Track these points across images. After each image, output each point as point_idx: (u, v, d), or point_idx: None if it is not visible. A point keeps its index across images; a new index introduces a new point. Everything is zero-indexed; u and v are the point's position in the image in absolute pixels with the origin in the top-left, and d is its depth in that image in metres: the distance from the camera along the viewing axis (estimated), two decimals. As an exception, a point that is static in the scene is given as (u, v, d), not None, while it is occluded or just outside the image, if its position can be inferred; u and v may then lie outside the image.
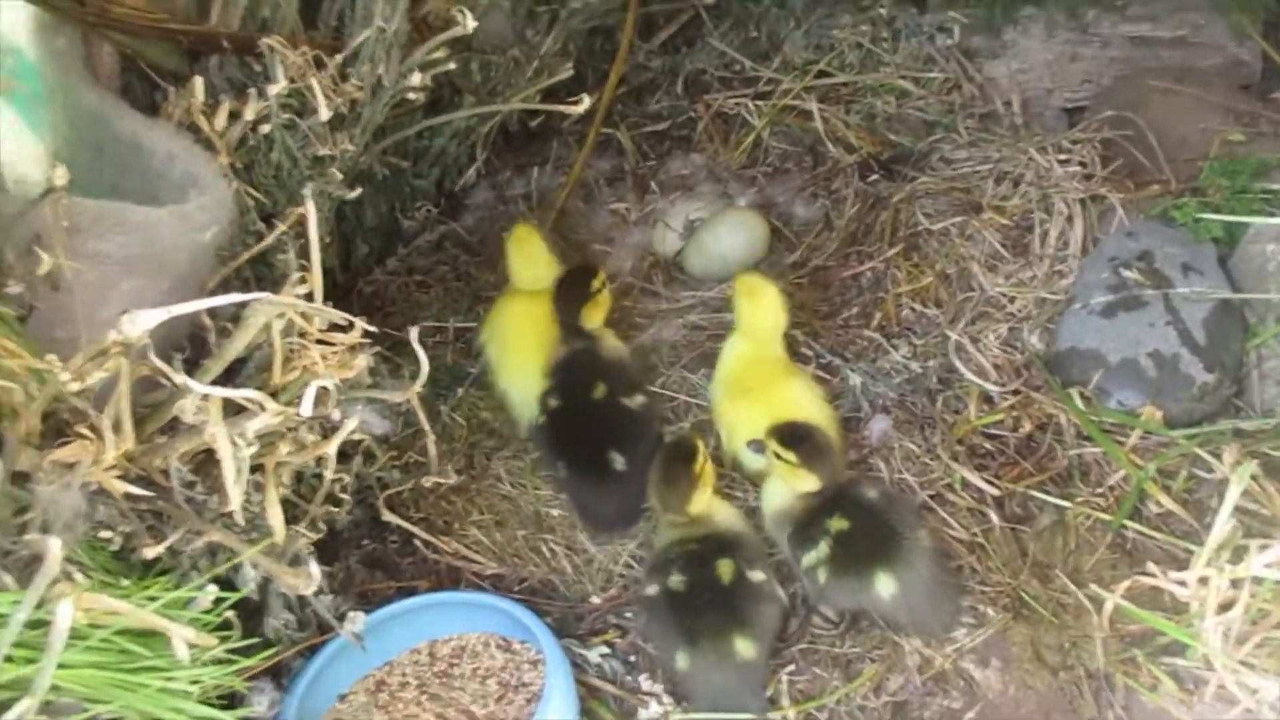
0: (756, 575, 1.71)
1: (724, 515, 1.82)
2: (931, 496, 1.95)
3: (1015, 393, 2.08)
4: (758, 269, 2.47)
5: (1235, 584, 1.45)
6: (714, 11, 3.00)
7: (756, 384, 2.01)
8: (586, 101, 2.19)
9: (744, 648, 1.64)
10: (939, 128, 2.66)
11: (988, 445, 2.03)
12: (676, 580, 1.69)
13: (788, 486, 1.83)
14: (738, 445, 1.98)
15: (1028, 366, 2.13)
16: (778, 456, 1.81)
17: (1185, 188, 2.31)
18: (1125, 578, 1.65)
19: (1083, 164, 2.42)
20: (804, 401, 2.00)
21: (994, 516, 1.90)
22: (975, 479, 1.96)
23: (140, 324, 1.17)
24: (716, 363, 2.12)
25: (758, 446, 1.85)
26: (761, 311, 2.07)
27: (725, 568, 1.69)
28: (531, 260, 2.25)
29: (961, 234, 2.38)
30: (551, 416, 2.02)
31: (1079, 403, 2.02)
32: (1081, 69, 2.80)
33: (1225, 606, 1.46)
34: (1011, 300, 2.25)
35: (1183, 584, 1.51)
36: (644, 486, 1.87)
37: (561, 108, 2.25)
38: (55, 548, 1.07)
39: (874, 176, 2.58)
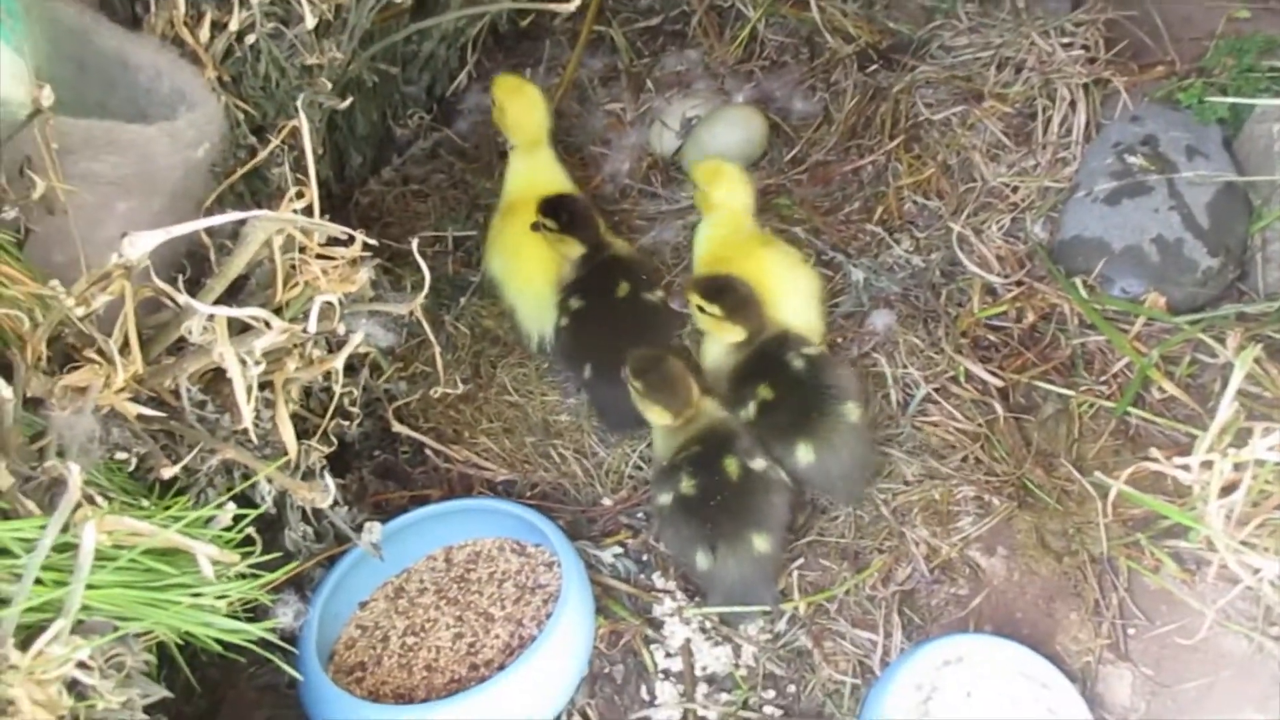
0: (759, 464, 1.73)
1: (709, 407, 1.82)
2: (936, 390, 1.96)
3: (1019, 284, 2.08)
4: (757, 167, 2.45)
5: (1238, 467, 1.47)
6: (705, -103, 2.89)
7: (731, 257, 2.00)
8: (577, -2, 2.13)
9: (760, 543, 1.67)
10: (938, 13, 2.59)
11: (991, 337, 2.04)
12: (688, 485, 1.70)
13: (718, 342, 1.86)
14: None
15: (1031, 257, 2.13)
16: (700, 310, 1.84)
17: (1190, 69, 2.27)
18: (1128, 464, 1.67)
19: (1086, 47, 2.36)
20: (779, 269, 1.99)
21: (998, 407, 1.92)
22: (979, 370, 1.97)
23: (141, 246, 1.16)
24: (692, 249, 2.13)
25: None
26: (728, 192, 2.05)
27: (731, 465, 1.71)
28: (531, 106, 2.19)
29: (963, 123, 2.34)
30: (574, 317, 2.00)
31: (1082, 292, 2.02)
32: (1084, -53, 2.71)
33: (1228, 489, 1.48)
34: (1014, 190, 2.23)
35: (1186, 468, 1.52)
36: None
37: (552, 6, 2.18)
38: (75, 473, 1.08)
39: (873, 67, 2.52)
